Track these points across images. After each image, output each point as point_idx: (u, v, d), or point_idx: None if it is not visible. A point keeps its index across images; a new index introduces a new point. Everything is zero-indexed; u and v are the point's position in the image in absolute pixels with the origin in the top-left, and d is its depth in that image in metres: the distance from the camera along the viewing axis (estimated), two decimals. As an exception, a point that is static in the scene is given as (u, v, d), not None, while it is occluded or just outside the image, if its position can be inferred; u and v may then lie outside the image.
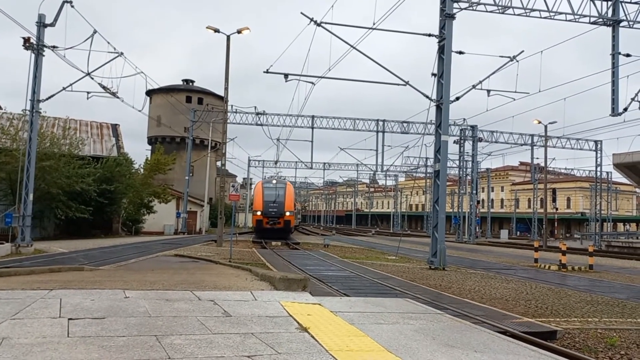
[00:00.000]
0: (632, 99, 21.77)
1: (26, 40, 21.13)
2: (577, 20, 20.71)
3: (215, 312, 6.15)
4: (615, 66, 21.17)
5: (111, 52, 22.79)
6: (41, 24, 21.29)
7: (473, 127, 48.14)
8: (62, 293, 7.15)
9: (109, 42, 22.55)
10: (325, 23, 19.86)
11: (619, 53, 21.10)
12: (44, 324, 5.23)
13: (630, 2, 21.06)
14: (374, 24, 20.05)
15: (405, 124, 47.07)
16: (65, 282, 9.15)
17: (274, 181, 41.91)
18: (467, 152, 50.27)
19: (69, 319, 5.48)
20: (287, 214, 37.23)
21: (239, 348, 4.55)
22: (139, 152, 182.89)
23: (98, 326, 5.19)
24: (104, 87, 23.30)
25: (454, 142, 48.39)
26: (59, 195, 31.24)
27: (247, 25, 28.67)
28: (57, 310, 5.94)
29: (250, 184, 68.56)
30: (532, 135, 49.89)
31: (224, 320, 5.70)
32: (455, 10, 18.92)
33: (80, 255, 19.83)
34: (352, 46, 20.51)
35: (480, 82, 23.16)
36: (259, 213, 37.17)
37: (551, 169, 57.73)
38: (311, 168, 54.35)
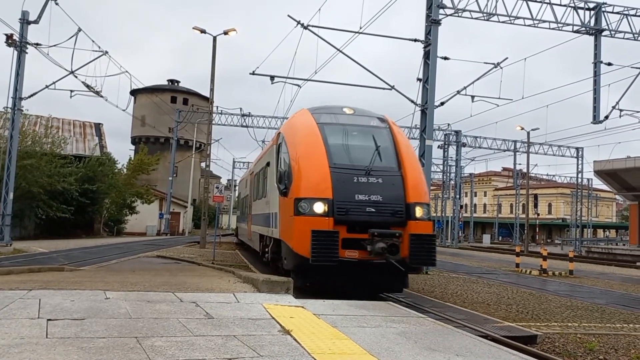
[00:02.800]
0: (613, 107, 22.15)
1: (9, 37, 20.88)
2: (560, 28, 21.01)
3: (197, 314, 6.11)
4: (597, 74, 21.52)
5: (95, 51, 22.64)
6: (24, 21, 21.04)
7: (457, 132, 48.49)
8: (42, 293, 7.04)
9: (93, 41, 22.39)
10: (312, 26, 19.90)
11: (601, 62, 21.46)
12: (22, 324, 5.15)
13: (612, 12, 21.42)
14: (360, 28, 20.13)
15: (390, 128, 47.16)
16: (45, 282, 9.02)
17: (347, 110, 12.53)
18: (451, 157, 50.65)
19: (48, 319, 5.40)
20: (418, 211, 10.60)
21: (220, 350, 4.52)
22: (122, 151, 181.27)
23: (78, 327, 5.12)
24: (87, 86, 23.10)
25: (438, 146, 48.71)
26: (40, 195, 30.85)
27: (233, 26, 28.60)
28: (36, 310, 5.85)
29: (235, 186, 68.19)
30: (515, 142, 50.42)
31: (205, 322, 5.66)
32: (441, 16, 19.05)
33: (60, 255, 19.58)
34: (338, 49, 20.55)
35: (465, 87, 23.35)
36: (319, 209, 10.10)
37: (533, 175, 58.38)
38: (296, 170, 54.10)
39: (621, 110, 22.34)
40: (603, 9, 21.11)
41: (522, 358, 4.92)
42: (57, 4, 20.80)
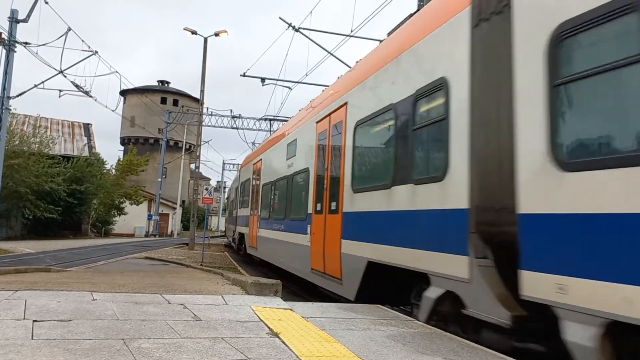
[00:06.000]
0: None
1: (-3, 36, 20.73)
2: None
3: (185, 316, 6.08)
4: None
5: (85, 51, 22.58)
6: (13, 20, 20.91)
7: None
8: (28, 294, 6.98)
9: (83, 40, 22.37)
10: (303, 29, 19.95)
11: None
12: (7, 325, 5.10)
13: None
14: (351, 31, 20.18)
15: (380, 131, 47.33)
16: (31, 283, 8.94)
17: None
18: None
19: (34, 320, 5.35)
20: None
21: (208, 352, 4.50)
22: (111, 152, 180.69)
23: (64, 329, 5.07)
24: (77, 86, 23.01)
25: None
26: (27, 195, 30.62)
27: (225, 28, 28.69)
28: (22, 311, 5.79)
29: (224, 188, 68.03)
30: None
31: (193, 325, 5.63)
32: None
33: (47, 256, 19.44)
34: (329, 52, 20.61)
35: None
36: None
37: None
38: (286, 173, 54.13)
39: None
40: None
41: (510, 361, 4.94)
42: (46, 2, 20.69)
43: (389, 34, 10.00)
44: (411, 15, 9.19)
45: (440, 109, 6.42)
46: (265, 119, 42.04)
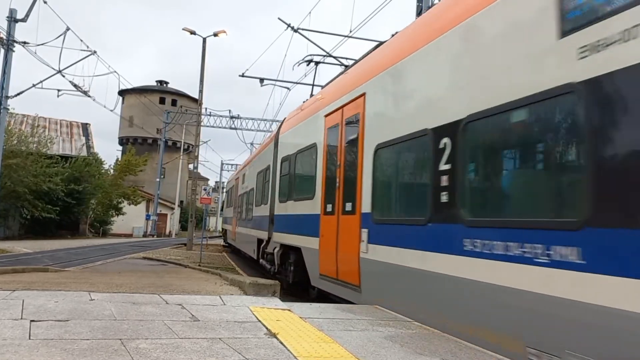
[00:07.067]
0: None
1: (-4, 35, 20.70)
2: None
3: (183, 317, 6.07)
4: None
5: (84, 50, 22.56)
6: (12, 19, 20.88)
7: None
8: (25, 294, 6.96)
9: (82, 40, 22.37)
10: (302, 29, 19.94)
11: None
12: (4, 325, 5.09)
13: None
14: (350, 32, 20.20)
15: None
16: (29, 283, 8.93)
17: None
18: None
19: (31, 320, 5.34)
20: None
21: (206, 353, 4.49)
22: (109, 152, 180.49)
23: (61, 329, 5.06)
24: (75, 86, 23.00)
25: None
26: (25, 194, 30.60)
27: (224, 29, 28.72)
28: (19, 311, 5.78)
29: (223, 188, 67.98)
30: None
31: (191, 325, 5.62)
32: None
33: (45, 256, 19.41)
34: (328, 53, 20.58)
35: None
36: None
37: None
38: (284, 173, 54.02)
39: None
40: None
41: (508, 362, 4.93)
42: (45, 2, 20.67)
43: None
44: None
45: None
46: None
